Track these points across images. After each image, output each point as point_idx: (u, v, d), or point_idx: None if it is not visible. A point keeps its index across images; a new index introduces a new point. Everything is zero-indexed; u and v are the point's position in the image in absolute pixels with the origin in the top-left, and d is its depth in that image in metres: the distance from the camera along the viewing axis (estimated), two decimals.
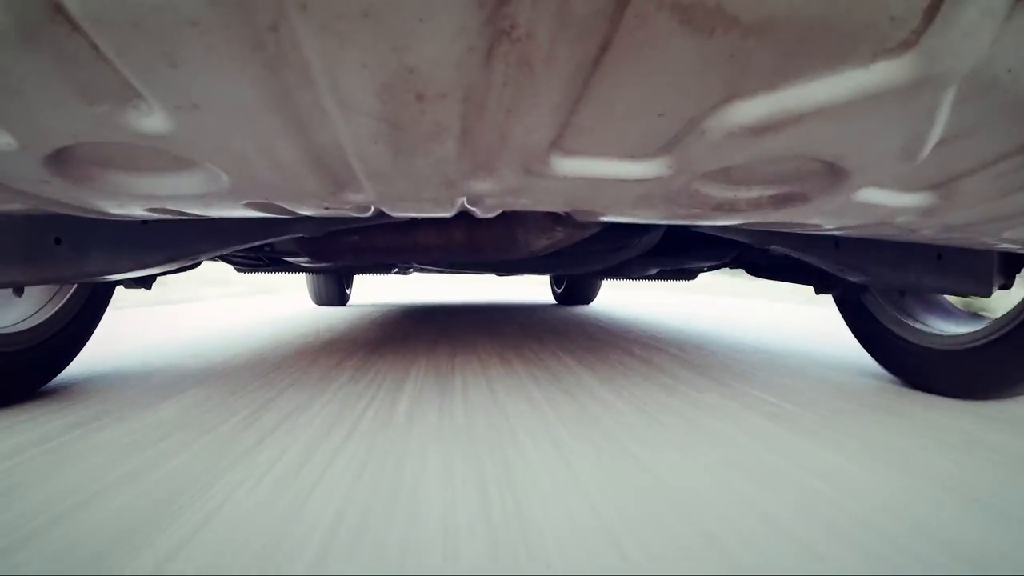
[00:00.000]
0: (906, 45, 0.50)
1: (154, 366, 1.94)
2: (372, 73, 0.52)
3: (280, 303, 5.58)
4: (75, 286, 1.64)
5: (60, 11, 0.44)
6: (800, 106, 0.58)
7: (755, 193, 0.86)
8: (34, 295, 1.59)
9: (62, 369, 1.65)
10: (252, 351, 2.27)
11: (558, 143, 0.69)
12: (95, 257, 1.18)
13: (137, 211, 0.94)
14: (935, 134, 0.64)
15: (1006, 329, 1.58)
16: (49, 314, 1.55)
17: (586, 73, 0.53)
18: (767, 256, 1.97)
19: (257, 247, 1.87)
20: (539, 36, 0.47)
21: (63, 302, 1.60)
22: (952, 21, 0.47)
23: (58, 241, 1.18)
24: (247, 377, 1.77)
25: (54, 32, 0.46)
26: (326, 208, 0.96)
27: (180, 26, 0.45)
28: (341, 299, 5.61)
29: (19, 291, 1.51)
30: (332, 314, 4.57)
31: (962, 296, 1.64)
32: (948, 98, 0.57)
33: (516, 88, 0.54)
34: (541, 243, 1.57)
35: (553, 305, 5.92)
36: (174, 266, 1.33)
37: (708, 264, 2.25)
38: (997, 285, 1.57)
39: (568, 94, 0.56)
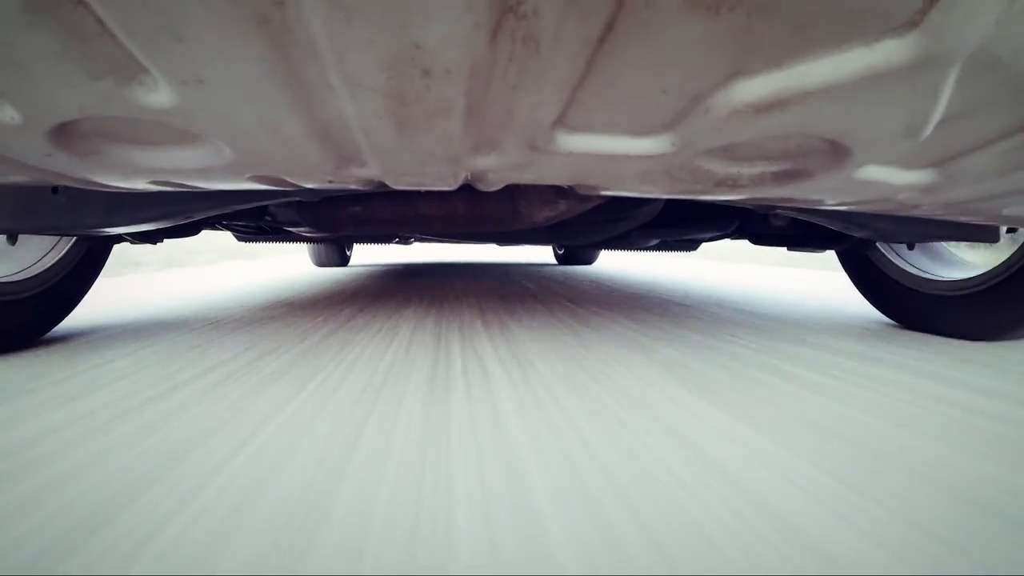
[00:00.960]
0: (911, 24, 0.50)
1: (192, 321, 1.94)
2: (378, 49, 0.52)
3: (267, 268, 5.50)
4: (72, 240, 1.65)
5: None
6: (804, 85, 0.58)
7: (758, 169, 0.86)
8: (32, 247, 1.60)
9: (60, 320, 1.67)
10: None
11: (563, 119, 0.69)
12: (92, 210, 1.17)
13: (141, 184, 0.94)
14: (937, 113, 0.64)
15: (1005, 275, 1.62)
16: (46, 266, 1.56)
17: (592, 50, 0.53)
18: (770, 225, 1.97)
19: (258, 216, 1.87)
20: (546, 13, 0.47)
21: (60, 255, 1.61)
22: (957, 1, 0.47)
23: (55, 191, 1.18)
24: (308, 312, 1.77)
25: (58, 6, 0.46)
26: (330, 182, 0.96)
27: (186, 0, 0.45)
28: (342, 259, 5.59)
29: (12, 239, 1.51)
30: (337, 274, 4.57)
31: (969, 242, 1.66)
32: (951, 78, 0.58)
33: (522, 65, 0.55)
34: (543, 215, 1.57)
35: (553, 264, 6.03)
36: (170, 223, 1.33)
37: (710, 235, 2.24)
38: (1004, 230, 1.59)
39: (573, 71, 0.56)
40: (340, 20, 0.47)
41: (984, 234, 1.54)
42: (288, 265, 5.63)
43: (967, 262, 1.88)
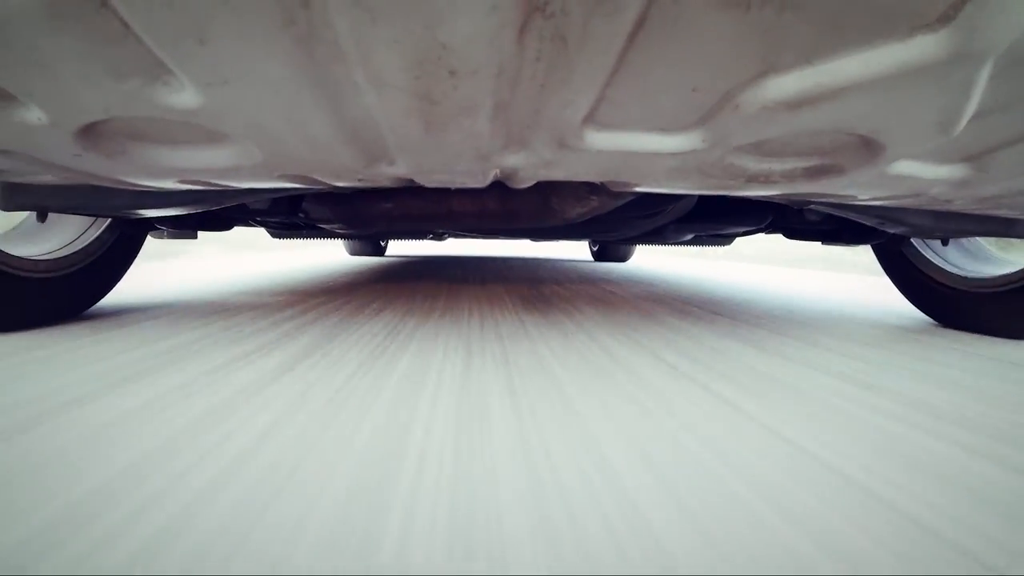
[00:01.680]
0: (944, 20, 0.49)
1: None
2: (404, 49, 0.52)
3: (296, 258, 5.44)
4: (106, 224, 1.67)
5: None
6: (836, 81, 0.57)
7: (789, 165, 0.85)
8: (65, 228, 1.62)
9: (100, 298, 1.70)
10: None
11: (592, 117, 0.68)
12: (121, 192, 1.18)
13: (170, 183, 0.94)
14: (970, 108, 0.64)
15: None
16: (77, 248, 1.58)
17: (620, 48, 0.52)
18: (804, 220, 1.95)
19: (291, 212, 1.88)
20: (573, 12, 0.47)
21: (93, 238, 1.63)
22: None
23: None
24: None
25: (83, 8, 0.46)
26: (360, 180, 0.96)
27: (210, 3, 0.45)
28: (377, 250, 5.60)
29: (42, 216, 1.53)
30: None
31: (1005, 238, 1.64)
32: (985, 73, 0.57)
33: (550, 63, 0.54)
34: (575, 211, 1.56)
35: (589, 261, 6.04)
36: (202, 207, 1.33)
37: (744, 229, 2.22)
38: None
39: (602, 69, 0.56)
40: (365, 21, 0.47)
41: (1018, 229, 1.52)
42: (304, 257, 5.61)
43: (1003, 258, 1.85)
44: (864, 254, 2.10)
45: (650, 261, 6.12)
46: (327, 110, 0.64)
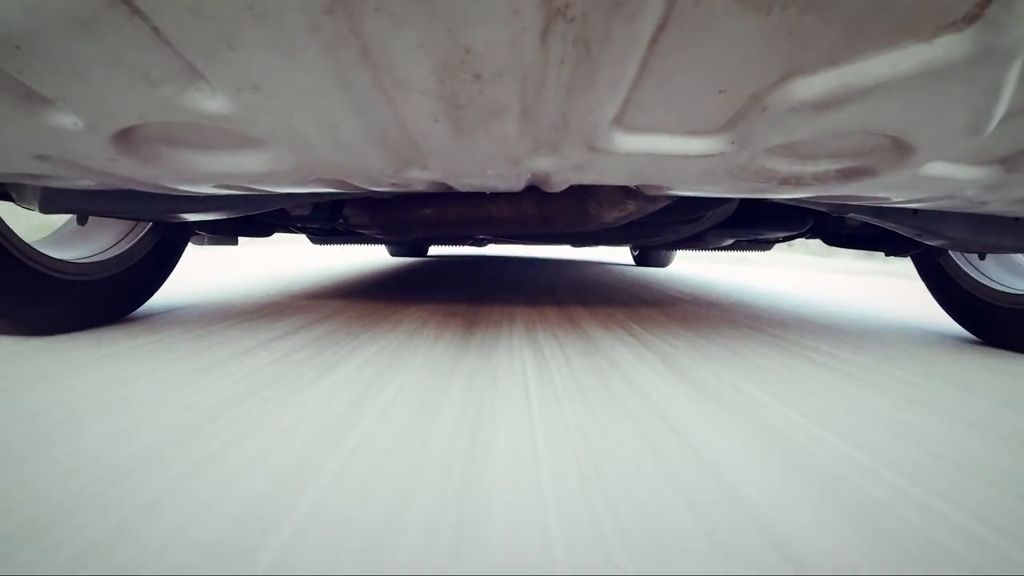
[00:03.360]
0: (970, 19, 0.49)
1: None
2: (428, 53, 0.52)
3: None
4: (147, 228, 1.70)
5: None
6: (862, 82, 0.57)
7: (821, 167, 0.85)
8: (107, 233, 1.65)
9: (145, 300, 1.74)
10: None
11: (619, 120, 0.69)
12: (160, 196, 1.19)
13: (207, 188, 0.96)
14: (1001, 108, 0.63)
15: None
16: (123, 249, 1.61)
17: (644, 51, 0.53)
18: (844, 226, 1.93)
19: (331, 218, 1.89)
20: (594, 15, 0.47)
21: (134, 242, 1.66)
22: None
23: None
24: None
25: (115, 16, 0.47)
26: (393, 184, 0.97)
27: (237, 10, 0.46)
28: (417, 251, 5.62)
29: (83, 219, 1.55)
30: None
31: None
32: (1014, 72, 0.56)
33: (574, 67, 0.55)
34: (612, 216, 1.57)
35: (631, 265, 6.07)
36: (242, 212, 1.34)
37: (784, 234, 2.21)
38: None
39: (627, 72, 0.56)
40: (388, 26, 0.48)
41: None
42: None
43: None
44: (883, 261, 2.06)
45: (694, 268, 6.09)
46: (356, 115, 0.65)
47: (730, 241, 2.42)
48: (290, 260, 4.73)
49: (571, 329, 1.75)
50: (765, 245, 2.87)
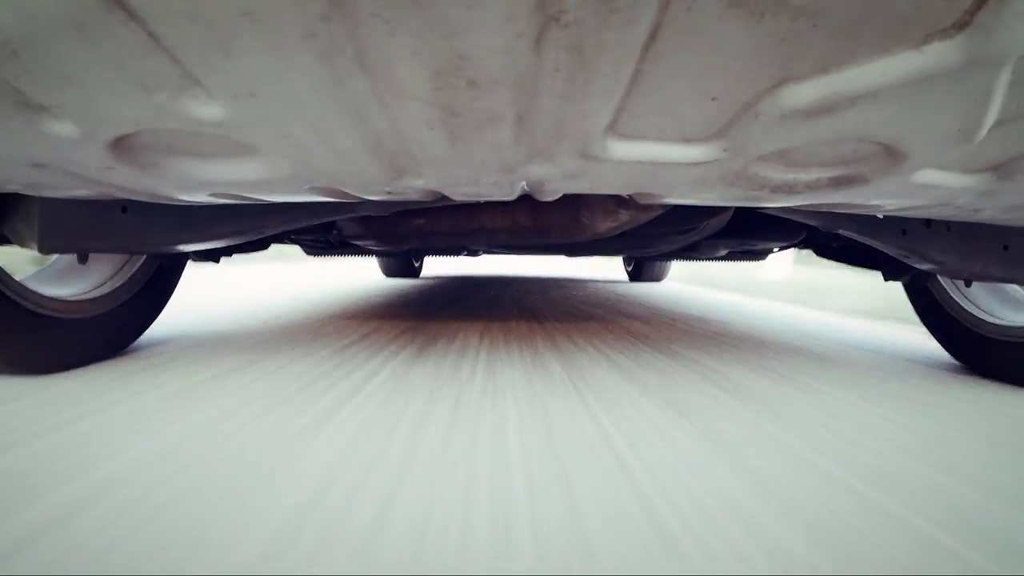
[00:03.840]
0: (959, 26, 0.49)
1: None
2: (423, 60, 0.52)
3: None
4: (143, 257, 1.68)
5: (117, 1, 0.45)
6: (853, 89, 0.57)
7: (814, 175, 0.85)
8: (103, 266, 1.62)
9: (139, 335, 1.71)
10: None
11: (613, 127, 0.69)
12: (161, 228, 1.18)
13: (202, 197, 0.96)
14: (992, 115, 0.63)
15: None
16: (118, 284, 1.59)
17: (637, 58, 0.53)
18: (837, 237, 1.94)
19: (326, 230, 1.90)
20: (588, 22, 0.47)
21: (132, 272, 1.64)
22: (1006, 1, 0.46)
23: (124, 210, 1.19)
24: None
25: (110, 21, 0.47)
26: (388, 193, 0.97)
27: (233, 16, 0.46)
28: (411, 271, 5.62)
29: (83, 258, 1.54)
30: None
31: None
32: (1004, 79, 0.57)
33: (568, 74, 0.55)
34: (606, 225, 1.58)
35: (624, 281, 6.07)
36: (241, 239, 1.34)
37: (777, 245, 2.22)
38: None
39: (620, 79, 0.57)
40: (384, 33, 0.48)
41: None
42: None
43: None
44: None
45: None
46: (352, 122, 0.65)
47: (724, 252, 2.43)
48: (272, 284, 4.67)
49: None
50: (759, 256, 2.88)
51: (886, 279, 1.99)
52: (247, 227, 1.28)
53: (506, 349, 1.72)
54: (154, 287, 1.71)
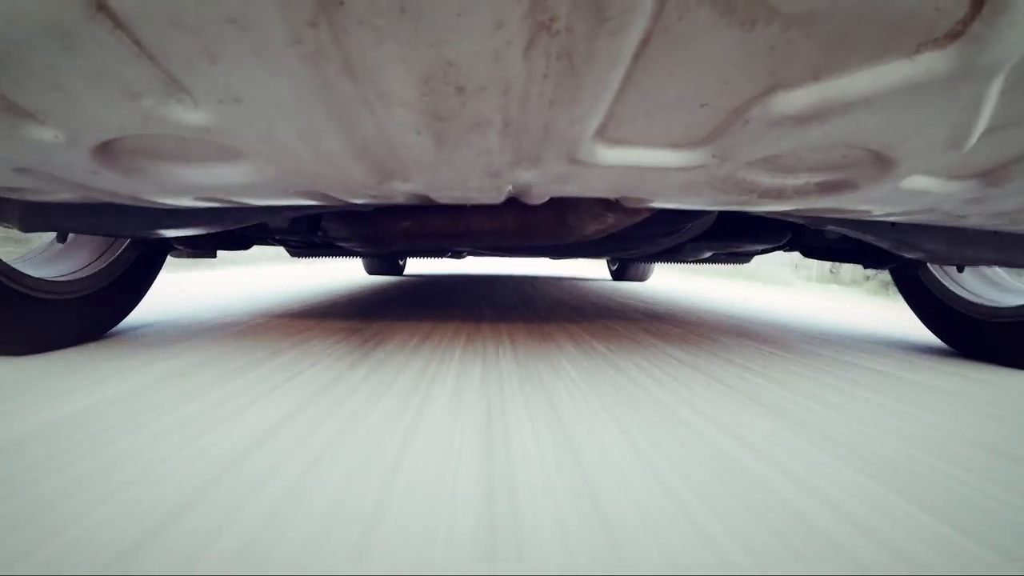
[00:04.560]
0: (952, 36, 0.49)
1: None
2: (411, 66, 0.52)
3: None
4: (125, 243, 1.68)
5: (102, 8, 0.44)
6: (844, 96, 0.57)
7: (802, 180, 0.85)
8: (86, 248, 1.63)
9: (124, 316, 1.71)
10: None
11: (602, 133, 0.69)
12: (140, 212, 1.18)
13: (186, 200, 0.95)
14: (981, 123, 0.63)
15: None
16: (102, 266, 1.60)
17: (627, 65, 0.53)
18: (823, 238, 1.94)
19: (310, 231, 1.89)
20: (578, 29, 0.47)
21: (114, 257, 1.64)
22: (1000, 12, 0.46)
23: None
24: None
25: (96, 29, 0.47)
26: (374, 197, 0.96)
27: (219, 22, 0.46)
28: (394, 269, 5.59)
29: (62, 237, 1.54)
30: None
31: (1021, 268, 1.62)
32: (995, 88, 0.57)
33: (557, 80, 0.55)
34: (592, 228, 1.57)
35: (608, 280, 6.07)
36: (221, 227, 1.32)
37: (762, 247, 2.22)
38: None
39: (610, 85, 0.56)
40: (371, 39, 0.48)
41: None
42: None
43: (1020, 287, 1.83)
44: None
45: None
46: (338, 127, 0.65)
47: (708, 254, 2.43)
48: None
49: None
50: (744, 258, 2.88)
51: (866, 267, 2.00)
52: (228, 215, 1.26)
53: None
54: (135, 274, 1.71)
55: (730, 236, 2.10)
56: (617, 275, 6.11)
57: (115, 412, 0.89)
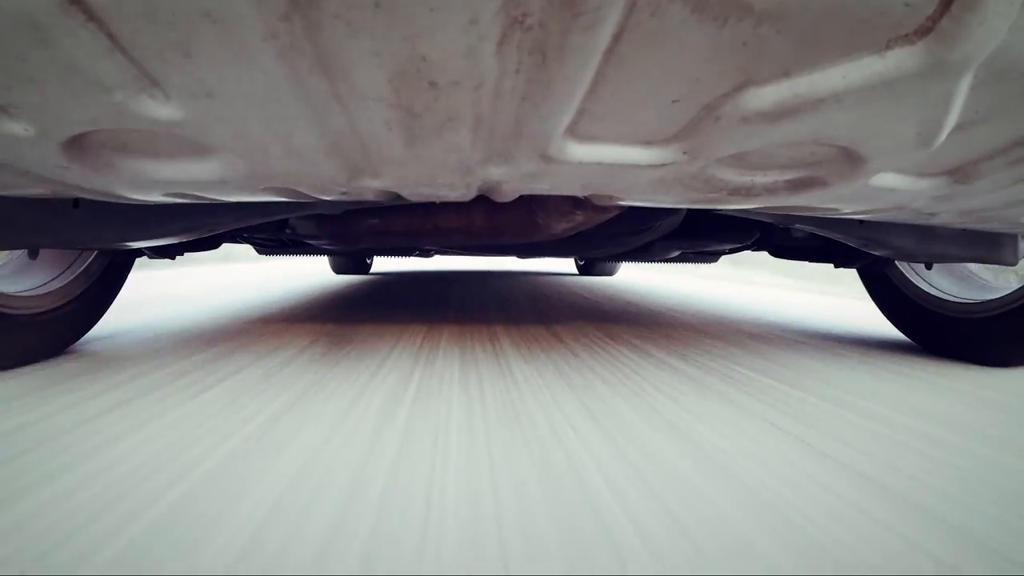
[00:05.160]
0: (921, 32, 0.50)
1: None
2: (384, 61, 0.52)
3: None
4: (94, 253, 1.65)
5: (75, 1, 0.44)
6: (815, 92, 0.58)
7: (771, 178, 0.86)
8: (53, 262, 1.60)
9: (85, 332, 1.67)
10: None
11: (573, 129, 0.69)
12: (112, 224, 1.16)
13: (156, 196, 0.94)
14: (951, 120, 0.64)
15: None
16: (68, 279, 1.56)
17: (599, 61, 0.53)
18: (790, 237, 1.95)
19: (278, 229, 1.88)
20: (551, 25, 0.47)
21: (82, 268, 1.61)
22: (969, 7, 0.47)
23: (76, 204, 1.17)
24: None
25: (69, 22, 0.46)
26: (344, 194, 0.96)
27: (193, 16, 0.46)
28: (361, 268, 5.56)
29: (34, 253, 1.51)
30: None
31: (988, 264, 1.63)
32: (964, 85, 0.57)
33: (529, 76, 0.55)
34: (561, 226, 1.56)
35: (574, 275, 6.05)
36: (192, 236, 1.31)
37: (730, 246, 2.23)
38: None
39: (582, 81, 0.56)
40: (346, 34, 0.48)
41: (1003, 256, 1.52)
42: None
43: (988, 283, 1.84)
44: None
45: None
46: (310, 122, 0.65)
47: (676, 253, 2.43)
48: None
49: None
50: (711, 257, 2.89)
51: (836, 267, 2.01)
52: (199, 224, 1.26)
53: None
54: (102, 285, 1.68)
55: (698, 235, 2.10)
56: (584, 270, 6.11)
57: None
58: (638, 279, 5.27)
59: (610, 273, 6.04)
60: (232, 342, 1.67)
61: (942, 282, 1.89)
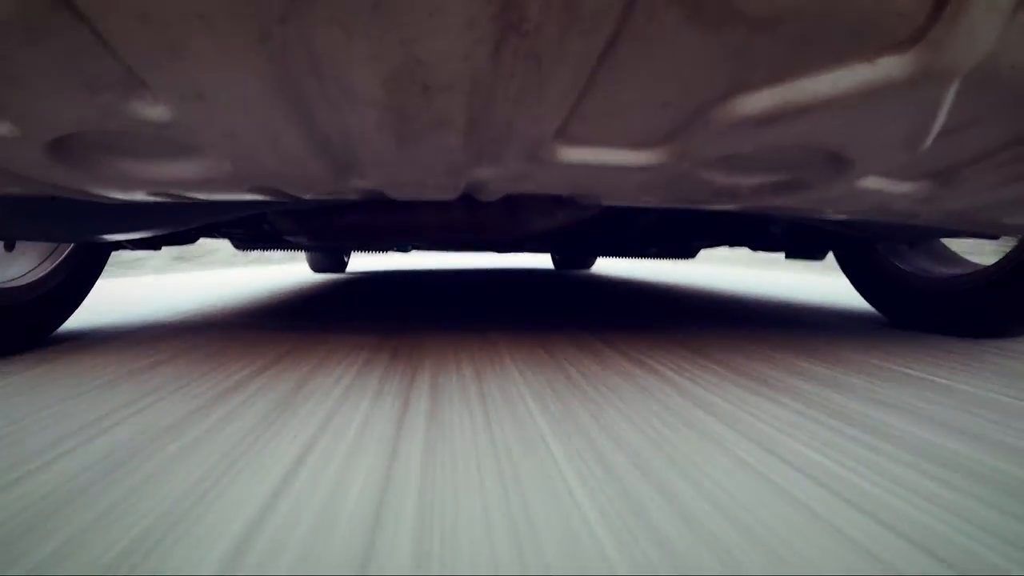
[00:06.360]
0: (911, 41, 0.51)
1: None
2: (379, 64, 0.52)
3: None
4: (71, 246, 1.64)
5: (65, 1, 0.44)
6: (805, 98, 0.58)
7: (757, 180, 0.86)
8: (30, 253, 1.59)
9: (61, 323, 1.66)
10: None
11: (563, 132, 0.69)
12: (89, 217, 1.15)
13: (140, 196, 0.93)
14: (937, 126, 0.65)
15: (1006, 271, 1.58)
16: (45, 271, 1.55)
17: (593, 65, 0.53)
18: (768, 232, 1.95)
19: (256, 224, 1.87)
20: (548, 30, 0.47)
21: (59, 260, 1.60)
22: (958, 18, 0.47)
23: (53, 199, 1.16)
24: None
25: (58, 22, 0.46)
26: (329, 193, 0.96)
27: (187, 18, 0.45)
28: (339, 266, 5.54)
29: (9, 245, 1.50)
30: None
31: (974, 237, 1.65)
32: (951, 92, 0.58)
33: (523, 80, 0.55)
34: (542, 224, 1.56)
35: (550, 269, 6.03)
36: (169, 230, 1.31)
37: (708, 242, 2.23)
38: None
39: (575, 85, 0.57)
40: (341, 37, 0.48)
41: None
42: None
43: (964, 259, 1.86)
44: None
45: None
46: (300, 124, 0.64)
47: (654, 249, 2.43)
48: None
49: None
50: (689, 252, 2.90)
51: (815, 257, 2.02)
52: (177, 217, 1.25)
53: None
54: (78, 277, 1.67)
55: (677, 231, 2.10)
56: (561, 264, 6.11)
57: None
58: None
59: (587, 266, 6.05)
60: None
61: (914, 257, 1.90)
